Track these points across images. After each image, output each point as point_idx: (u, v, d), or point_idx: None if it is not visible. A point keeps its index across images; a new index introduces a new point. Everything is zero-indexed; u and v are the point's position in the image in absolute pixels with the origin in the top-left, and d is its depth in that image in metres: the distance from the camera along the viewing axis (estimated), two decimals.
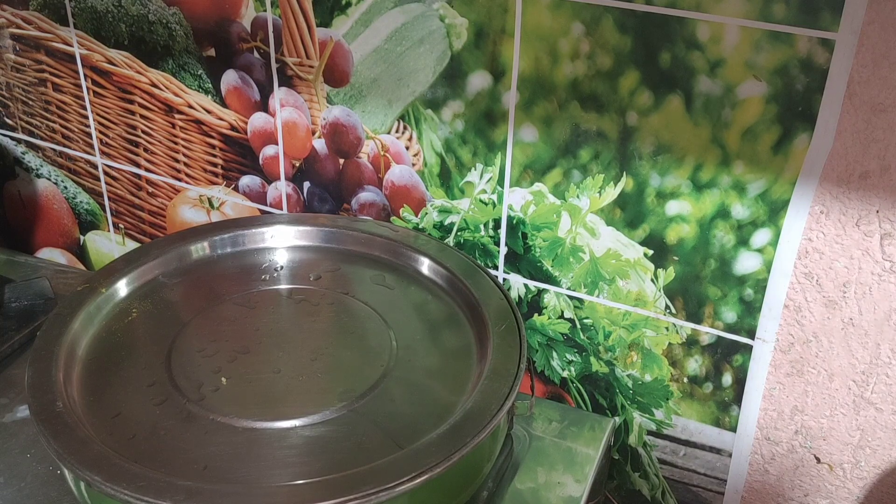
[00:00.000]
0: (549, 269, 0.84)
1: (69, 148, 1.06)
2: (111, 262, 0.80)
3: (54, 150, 1.08)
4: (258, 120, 0.92)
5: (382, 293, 0.79)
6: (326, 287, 0.80)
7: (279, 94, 0.89)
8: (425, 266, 0.81)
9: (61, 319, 0.72)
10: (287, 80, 0.88)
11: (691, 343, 0.81)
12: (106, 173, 1.06)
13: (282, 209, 0.96)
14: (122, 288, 0.78)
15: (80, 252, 1.14)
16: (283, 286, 0.80)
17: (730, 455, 0.84)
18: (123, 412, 0.66)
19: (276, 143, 0.92)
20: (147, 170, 1.03)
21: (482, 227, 0.85)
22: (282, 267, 0.83)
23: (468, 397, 0.66)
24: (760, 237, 0.74)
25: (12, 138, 1.10)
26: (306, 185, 0.93)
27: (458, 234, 0.87)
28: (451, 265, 0.79)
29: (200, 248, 0.84)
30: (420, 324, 0.76)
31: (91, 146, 1.05)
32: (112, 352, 0.72)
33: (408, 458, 0.60)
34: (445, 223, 0.87)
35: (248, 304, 0.78)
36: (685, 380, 0.83)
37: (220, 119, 0.94)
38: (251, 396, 0.67)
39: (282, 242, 0.86)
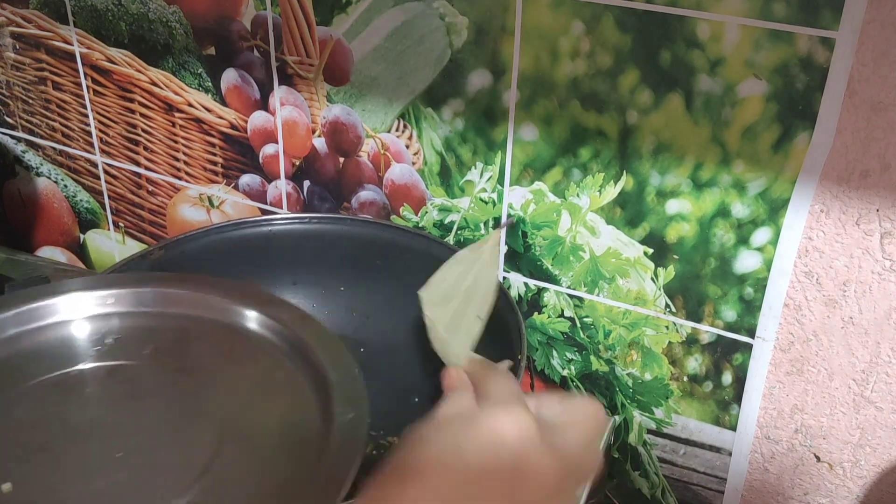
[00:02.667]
0: (549, 267, 0.84)
1: (69, 146, 1.06)
2: None
3: (54, 148, 1.08)
4: (258, 118, 0.92)
5: (225, 369, 0.67)
6: (161, 363, 0.67)
7: (279, 93, 0.89)
8: (278, 336, 0.69)
9: None
10: (287, 79, 0.88)
11: (691, 342, 0.81)
12: (106, 172, 1.06)
13: (282, 208, 0.96)
14: None
15: (81, 251, 1.14)
16: (111, 362, 0.66)
17: (730, 454, 0.84)
18: None
19: (277, 142, 0.92)
20: (147, 168, 1.03)
21: (482, 225, 0.85)
22: (115, 339, 0.68)
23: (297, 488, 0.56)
24: (760, 236, 0.74)
25: (12, 137, 1.10)
26: (306, 183, 0.93)
27: (458, 232, 0.87)
28: (307, 337, 0.67)
29: (17, 318, 0.69)
30: (260, 408, 0.64)
31: (91, 145, 1.05)
32: None
33: None
34: (445, 222, 0.87)
35: (60, 388, 0.64)
36: (685, 378, 0.83)
37: (220, 118, 0.94)
38: None
39: (119, 308, 0.71)
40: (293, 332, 0.68)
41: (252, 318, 0.70)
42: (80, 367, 0.66)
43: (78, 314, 0.70)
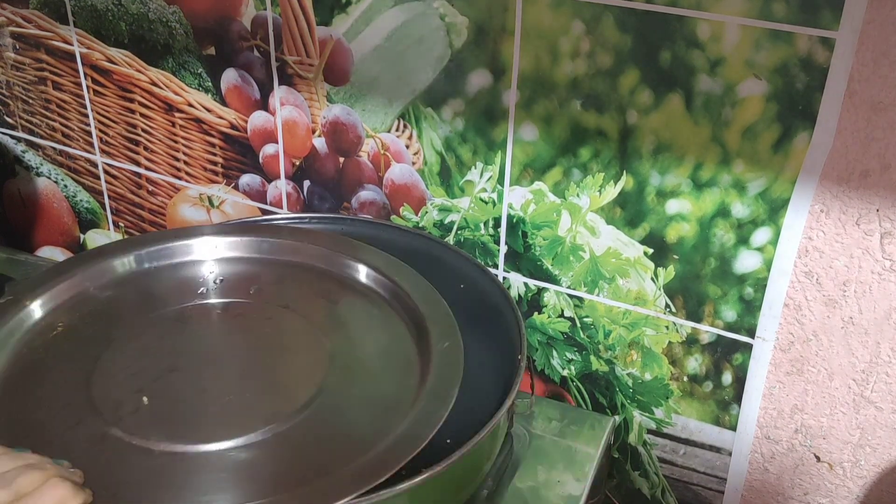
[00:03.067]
0: (549, 267, 0.84)
1: (69, 146, 1.06)
2: (39, 273, 0.75)
3: (54, 148, 1.08)
4: (258, 118, 0.92)
5: (325, 307, 0.75)
6: (266, 301, 0.75)
7: (279, 93, 0.89)
8: (371, 279, 0.77)
9: None
10: (287, 79, 0.88)
11: (691, 342, 0.81)
12: (106, 172, 1.06)
13: (282, 208, 0.96)
14: (49, 301, 0.73)
15: (81, 250, 1.14)
16: (220, 300, 0.76)
17: (730, 454, 0.84)
18: (34, 434, 0.61)
19: (277, 142, 0.92)
20: (147, 168, 1.03)
21: (482, 225, 0.85)
22: (221, 280, 0.78)
23: (403, 421, 0.62)
24: (760, 236, 0.74)
25: (12, 137, 1.10)
26: (306, 183, 0.93)
27: (459, 232, 0.87)
28: (398, 278, 0.76)
29: (136, 259, 0.78)
30: (361, 340, 0.72)
31: (91, 145, 1.05)
32: (31, 369, 0.67)
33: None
34: (445, 222, 0.87)
35: (181, 320, 0.73)
36: (685, 378, 0.83)
37: (220, 118, 0.94)
38: (172, 417, 0.63)
39: (223, 253, 0.80)
40: (385, 275, 0.76)
41: (347, 265, 0.78)
42: (195, 302, 0.75)
43: (197, 257, 0.80)
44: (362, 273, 0.78)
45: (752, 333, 0.78)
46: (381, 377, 0.68)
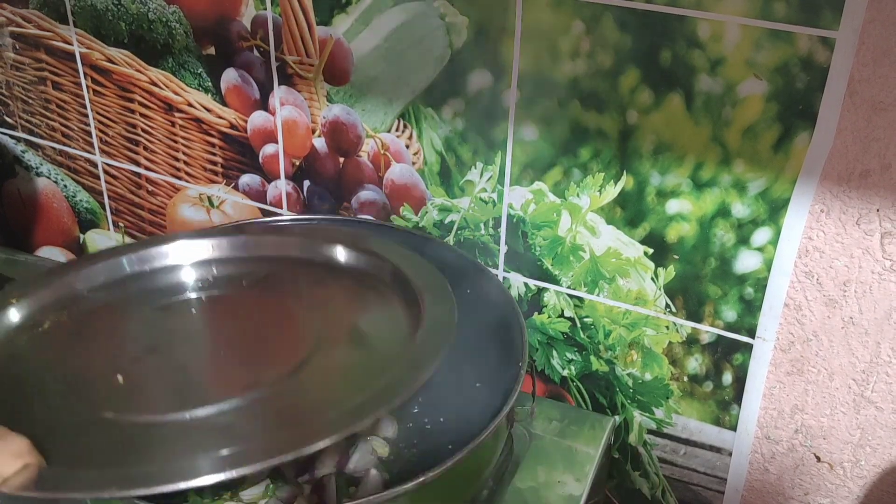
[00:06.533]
0: (550, 267, 0.84)
1: (69, 146, 1.06)
2: (34, 274, 0.77)
3: (54, 148, 1.08)
4: (258, 118, 0.92)
5: (314, 291, 0.76)
6: (254, 291, 0.77)
7: (279, 93, 0.89)
8: (361, 261, 0.78)
9: None
10: (287, 79, 0.88)
11: (691, 342, 0.81)
12: (106, 172, 1.06)
13: (281, 208, 0.96)
14: (37, 301, 0.75)
15: (80, 250, 1.14)
16: (210, 293, 0.77)
17: (730, 454, 0.84)
18: (19, 417, 0.62)
19: (276, 142, 0.92)
20: (147, 168, 1.02)
21: (482, 225, 0.85)
22: (214, 277, 0.79)
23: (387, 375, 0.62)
24: (761, 236, 0.74)
25: (12, 137, 1.10)
26: (306, 183, 0.93)
27: (459, 232, 0.87)
28: (394, 259, 0.76)
29: (127, 262, 0.80)
30: (351, 316, 0.73)
31: (91, 144, 1.05)
32: (15, 361, 0.69)
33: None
34: (445, 222, 0.87)
35: (165, 310, 0.75)
36: (685, 378, 0.83)
37: (220, 117, 0.94)
38: (148, 392, 0.65)
39: (211, 254, 0.81)
40: (379, 258, 0.77)
41: (331, 249, 0.79)
42: (185, 296, 0.76)
43: (184, 260, 0.80)
44: (347, 256, 0.78)
45: (752, 333, 0.78)
46: (369, 346, 0.68)
